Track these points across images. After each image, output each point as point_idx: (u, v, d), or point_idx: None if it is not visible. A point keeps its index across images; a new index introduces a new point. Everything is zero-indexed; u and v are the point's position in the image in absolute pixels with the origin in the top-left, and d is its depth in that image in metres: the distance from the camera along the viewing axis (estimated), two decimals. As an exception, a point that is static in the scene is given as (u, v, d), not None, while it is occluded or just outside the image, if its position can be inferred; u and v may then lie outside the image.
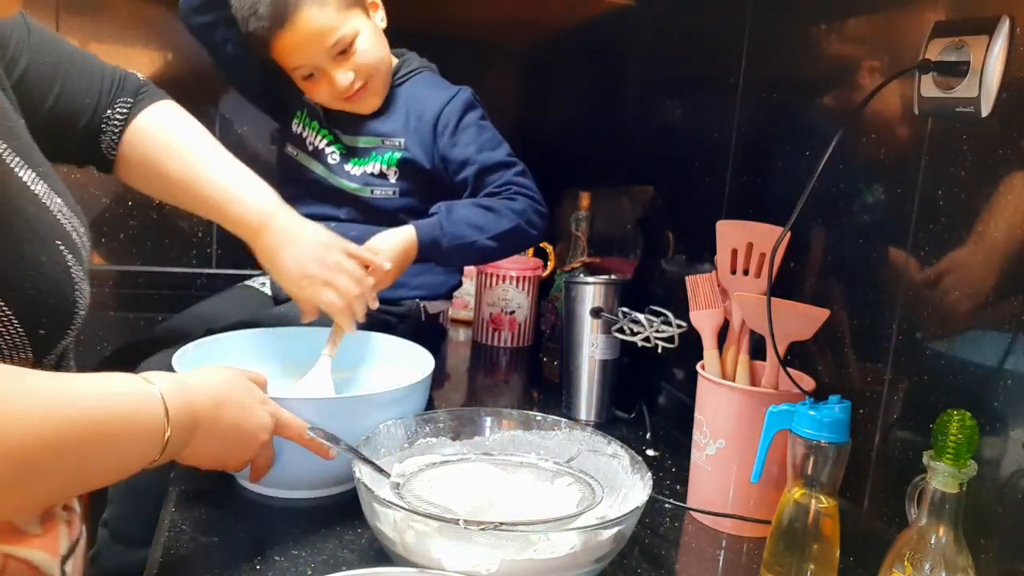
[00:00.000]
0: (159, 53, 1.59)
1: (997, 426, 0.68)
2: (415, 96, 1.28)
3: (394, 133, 1.26)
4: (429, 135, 1.26)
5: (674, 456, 1.09)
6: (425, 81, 1.31)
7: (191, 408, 0.64)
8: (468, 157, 1.24)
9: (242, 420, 0.71)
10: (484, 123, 1.28)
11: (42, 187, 0.67)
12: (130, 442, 0.57)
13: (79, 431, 0.52)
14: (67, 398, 0.52)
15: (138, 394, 0.59)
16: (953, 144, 0.75)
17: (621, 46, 1.49)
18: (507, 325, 1.60)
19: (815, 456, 0.73)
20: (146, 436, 0.58)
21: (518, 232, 1.20)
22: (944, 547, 0.62)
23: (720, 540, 0.88)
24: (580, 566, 0.69)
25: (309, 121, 1.30)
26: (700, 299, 0.97)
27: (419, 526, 0.67)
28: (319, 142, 1.29)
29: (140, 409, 0.58)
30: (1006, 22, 0.69)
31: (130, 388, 0.59)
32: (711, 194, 1.14)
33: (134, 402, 0.58)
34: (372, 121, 1.28)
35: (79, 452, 0.52)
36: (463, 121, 1.26)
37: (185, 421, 0.62)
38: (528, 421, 0.91)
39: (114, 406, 0.56)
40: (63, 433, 0.50)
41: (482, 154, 1.25)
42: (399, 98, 1.28)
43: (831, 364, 0.90)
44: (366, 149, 1.27)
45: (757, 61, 1.06)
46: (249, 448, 0.73)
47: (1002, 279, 0.70)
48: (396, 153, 1.25)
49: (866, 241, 0.85)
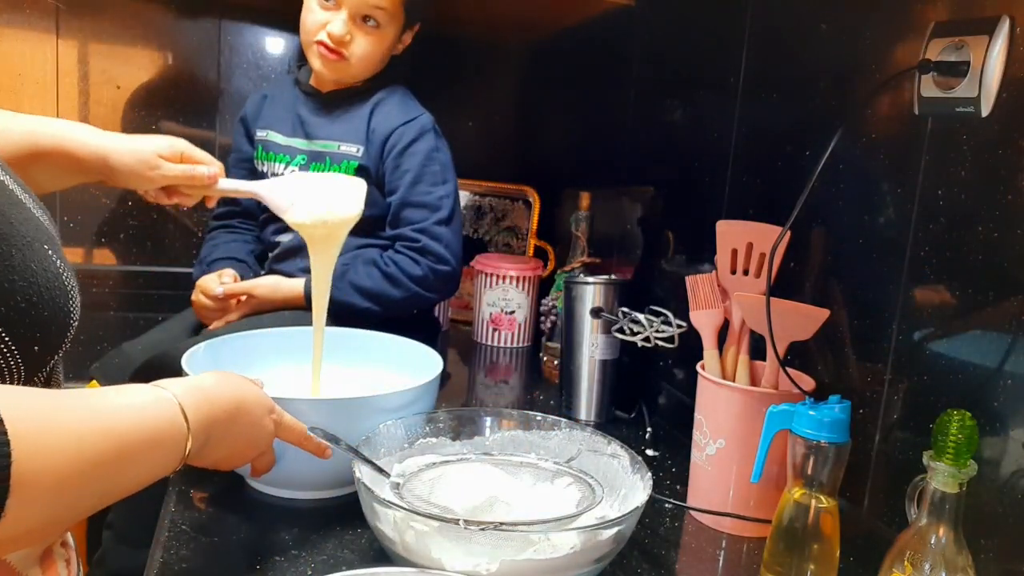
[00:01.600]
0: (159, 53, 1.59)
1: (997, 426, 0.68)
2: (380, 108, 1.30)
3: (352, 139, 1.28)
4: (378, 150, 1.27)
5: (674, 456, 1.09)
6: (395, 98, 1.31)
7: (208, 416, 0.63)
8: (398, 185, 1.25)
9: (250, 428, 0.71)
10: (435, 155, 1.27)
11: (14, 183, 0.61)
12: (157, 454, 0.57)
13: (111, 450, 0.51)
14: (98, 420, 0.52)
15: (158, 406, 0.58)
16: (953, 144, 0.75)
17: (621, 46, 1.49)
18: (507, 325, 1.60)
19: (815, 456, 0.73)
20: (171, 446, 0.58)
21: (410, 300, 1.23)
22: (944, 547, 0.62)
23: (720, 540, 0.88)
24: (580, 566, 0.69)
25: (264, 153, 1.34)
26: (700, 299, 0.97)
27: (419, 526, 0.67)
28: (277, 168, 1.32)
29: (162, 421, 0.58)
30: (1006, 22, 0.69)
31: (149, 400, 0.58)
32: (711, 194, 1.14)
33: (155, 414, 0.57)
34: (335, 125, 1.30)
35: (111, 470, 0.52)
36: (412, 147, 1.25)
37: (202, 429, 0.62)
38: (528, 421, 0.91)
39: (139, 421, 0.55)
40: (97, 453, 0.50)
41: (415, 187, 1.24)
42: (365, 105, 1.30)
43: (831, 364, 0.90)
44: (322, 154, 1.29)
45: (757, 61, 1.06)
46: (250, 454, 0.73)
47: (1002, 279, 0.70)
48: (353, 162, 1.27)
49: (866, 241, 0.85)
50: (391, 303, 1.22)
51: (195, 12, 1.60)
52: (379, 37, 1.25)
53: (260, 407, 0.72)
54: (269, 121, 1.36)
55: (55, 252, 0.59)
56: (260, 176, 1.34)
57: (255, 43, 1.65)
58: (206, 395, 0.64)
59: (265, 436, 0.73)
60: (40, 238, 0.57)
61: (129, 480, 0.55)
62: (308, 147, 1.30)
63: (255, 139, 1.36)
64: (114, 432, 0.52)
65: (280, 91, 1.39)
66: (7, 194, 0.58)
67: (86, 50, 1.54)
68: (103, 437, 0.51)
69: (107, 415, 0.53)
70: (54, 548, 0.63)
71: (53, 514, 0.48)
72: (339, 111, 1.30)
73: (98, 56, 1.54)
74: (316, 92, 1.32)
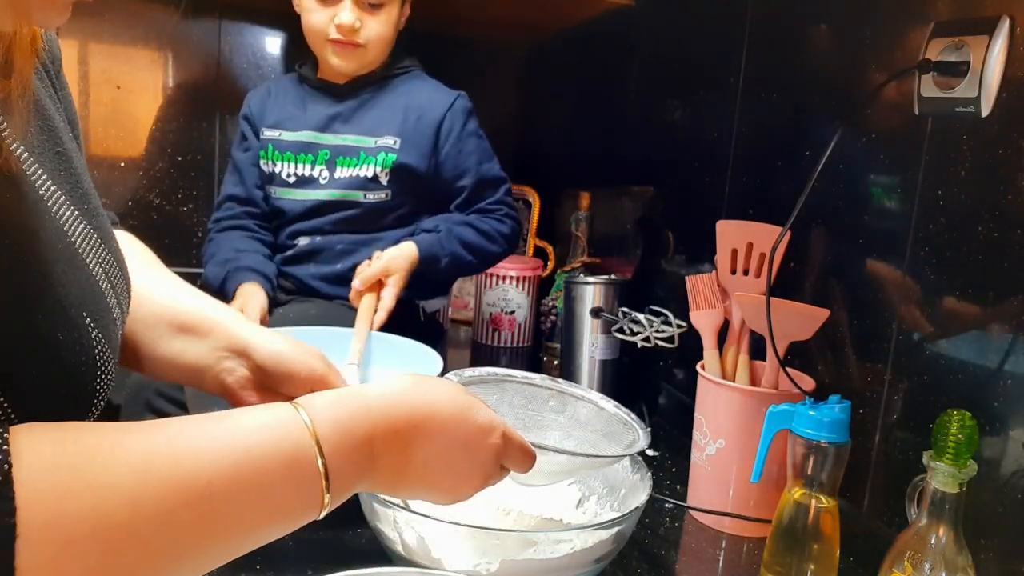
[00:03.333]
0: (159, 53, 1.59)
1: (997, 426, 0.68)
2: (412, 95, 1.29)
3: (387, 131, 1.27)
4: (430, 139, 1.26)
5: (674, 456, 1.09)
6: (420, 80, 1.32)
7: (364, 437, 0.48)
8: (470, 167, 1.28)
9: (466, 449, 0.53)
10: (482, 133, 1.32)
11: (83, 228, 0.51)
12: (265, 502, 0.44)
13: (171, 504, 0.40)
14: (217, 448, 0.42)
15: (277, 429, 0.45)
16: (953, 144, 0.75)
17: (621, 46, 1.49)
18: (507, 325, 1.60)
19: (815, 456, 0.73)
20: (294, 491, 0.45)
21: (501, 255, 1.32)
22: (944, 547, 0.62)
23: (720, 540, 0.88)
24: (580, 566, 0.69)
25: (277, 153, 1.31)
26: (700, 299, 0.97)
27: (419, 526, 0.67)
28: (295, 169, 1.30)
29: (278, 455, 0.44)
30: (1006, 22, 0.69)
31: (264, 423, 0.45)
32: (711, 194, 1.14)
33: (265, 451, 0.44)
34: (364, 117, 1.28)
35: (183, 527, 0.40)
36: (466, 129, 1.29)
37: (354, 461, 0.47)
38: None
39: (235, 456, 0.43)
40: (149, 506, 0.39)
41: (482, 166, 1.30)
42: (393, 93, 1.29)
43: (831, 364, 0.90)
44: (354, 148, 1.27)
45: (757, 61, 1.06)
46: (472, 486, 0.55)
47: (1002, 279, 0.70)
48: (391, 155, 1.25)
49: (866, 241, 0.85)
50: (487, 256, 1.30)
51: (195, 12, 1.60)
52: (387, 15, 1.25)
53: (468, 426, 0.53)
54: (279, 119, 1.31)
55: (96, 323, 0.48)
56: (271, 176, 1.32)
57: (255, 43, 1.65)
58: (368, 413, 0.48)
59: (482, 465, 0.54)
60: (82, 305, 0.47)
61: (226, 541, 0.43)
62: (333, 142, 1.28)
63: (262, 138, 1.32)
64: (182, 478, 0.40)
65: (284, 88, 1.36)
66: (69, 253, 0.48)
67: (86, 50, 1.54)
68: (161, 486, 0.40)
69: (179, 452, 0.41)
70: None
71: None
72: (364, 102, 1.29)
73: (98, 56, 1.55)
74: (330, 85, 1.31)
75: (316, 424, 0.45)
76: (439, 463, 0.52)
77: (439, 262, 1.21)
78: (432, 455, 0.51)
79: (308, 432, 0.45)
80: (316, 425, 0.45)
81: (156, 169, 1.62)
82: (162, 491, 0.40)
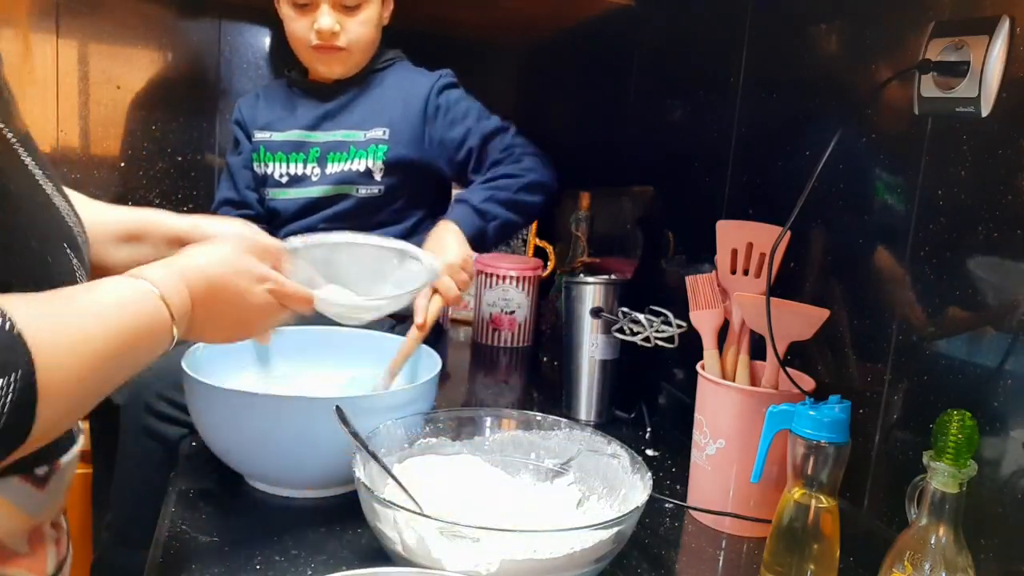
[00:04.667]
0: (159, 53, 1.59)
1: (997, 426, 0.69)
2: (398, 84, 1.29)
3: (376, 123, 1.27)
4: (419, 120, 1.27)
5: (674, 456, 1.09)
6: (404, 69, 1.33)
7: (186, 301, 0.65)
8: (469, 129, 1.28)
9: (238, 302, 0.71)
10: (470, 96, 1.32)
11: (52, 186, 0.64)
12: (149, 343, 0.61)
13: (113, 347, 0.56)
14: (100, 321, 0.56)
15: (144, 299, 0.61)
16: (953, 144, 0.75)
17: (621, 46, 1.49)
18: (507, 325, 1.60)
19: (815, 456, 0.73)
20: (160, 334, 0.62)
21: (546, 202, 1.28)
22: (944, 547, 0.62)
23: (720, 540, 0.88)
24: (580, 566, 0.69)
25: (268, 155, 1.31)
26: (700, 299, 0.97)
27: (419, 526, 0.67)
28: (286, 168, 1.30)
29: (148, 314, 0.60)
30: (1006, 22, 0.69)
31: (137, 295, 0.60)
32: (711, 194, 1.14)
33: (142, 308, 0.60)
34: (352, 113, 1.28)
35: (114, 363, 0.57)
36: (452, 98, 1.29)
37: (184, 314, 0.64)
38: (528, 421, 0.91)
39: (132, 316, 0.59)
40: (104, 351, 0.55)
41: (480, 123, 1.29)
42: (379, 86, 1.29)
43: (831, 364, 0.90)
44: (344, 143, 1.27)
45: (757, 61, 1.06)
46: (253, 327, 0.75)
47: (1002, 279, 0.70)
48: (382, 147, 1.25)
49: (866, 241, 0.85)
50: (530, 208, 1.27)
51: (195, 12, 1.60)
52: (366, 15, 1.24)
53: (244, 277, 0.72)
54: (269, 121, 1.34)
55: (75, 254, 0.62)
56: (264, 179, 1.32)
57: (255, 43, 1.65)
58: (184, 278, 0.65)
59: (258, 308, 0.73)
60: (61, 237, 0.61)
61: (129, 369, 0.60)
62: (323, 139, 1.28)
63: (253, 141, 1.34)
64: (113, 330, 0.56)
65: (273, 92, 1.37)
66: (39, 193, 0.61)
67: (86, 50, 1.54)
68: (105, 336, 0.55)
69: (106, 316, 0.57)
70: (44, 529, 0.63)
71: (72, 409, 0.54)
72: (351, 98, 1.29)
73: (98, 56, 1.55)
74: (318, 86, 1.31)
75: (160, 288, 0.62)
76: (228, 306, 0.70)
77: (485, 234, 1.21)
78: (223, 303, 0.70)
79: (157, 295, 0.62)
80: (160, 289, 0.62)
81: (156, 169, 1.62)
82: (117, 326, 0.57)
